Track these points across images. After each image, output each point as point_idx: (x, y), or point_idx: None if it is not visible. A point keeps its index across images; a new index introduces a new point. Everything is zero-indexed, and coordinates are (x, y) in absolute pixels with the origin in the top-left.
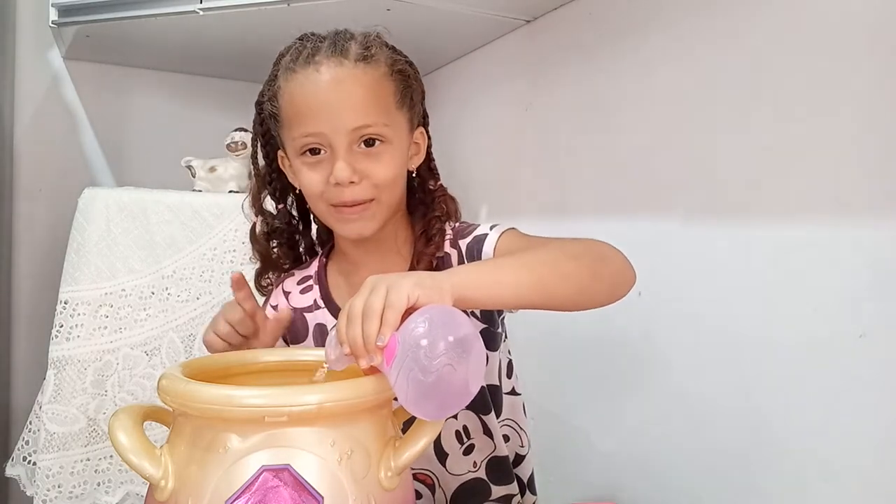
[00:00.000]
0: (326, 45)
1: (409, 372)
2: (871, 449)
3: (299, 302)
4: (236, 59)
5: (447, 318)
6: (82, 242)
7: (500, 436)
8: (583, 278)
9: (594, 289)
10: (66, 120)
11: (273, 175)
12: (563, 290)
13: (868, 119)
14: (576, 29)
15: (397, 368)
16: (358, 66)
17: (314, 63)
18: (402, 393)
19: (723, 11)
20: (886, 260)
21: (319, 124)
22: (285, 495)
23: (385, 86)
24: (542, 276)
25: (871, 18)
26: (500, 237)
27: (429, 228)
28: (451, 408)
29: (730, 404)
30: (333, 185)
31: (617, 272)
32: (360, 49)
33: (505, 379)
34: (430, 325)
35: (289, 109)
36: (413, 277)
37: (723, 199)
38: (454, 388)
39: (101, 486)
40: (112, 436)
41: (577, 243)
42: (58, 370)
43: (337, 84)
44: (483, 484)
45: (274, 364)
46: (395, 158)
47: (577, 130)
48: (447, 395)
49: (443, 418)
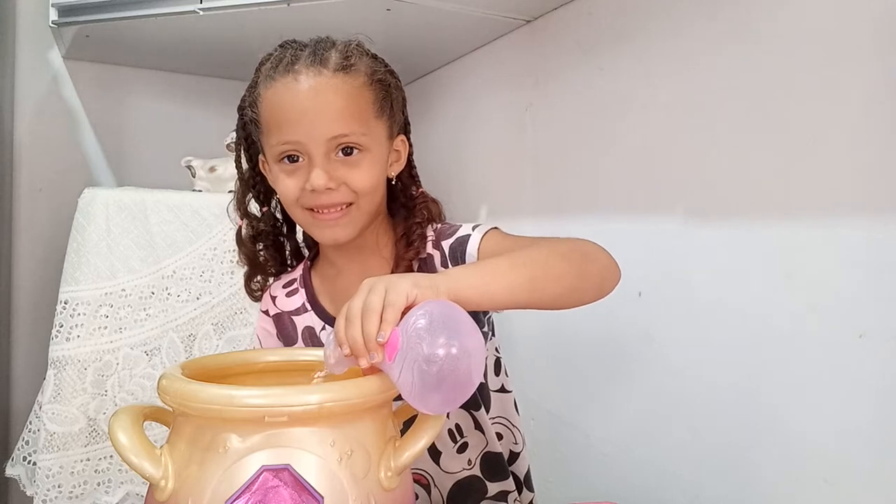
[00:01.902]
0: (306, 54)
1: (413, 364)
2: (871, 449)
3: (287, 305)
4: (236, 59)
5: (447, 311)
6: (82, 242)
7: (492, 432)
8: (572, 278)
9: (583, 287)
10: (66, 120)
11: (256, 178)
12: (554, 290)
13: (868, 119)
14: (576, 29)
15: (400, 362)
16: (337, 76)
17: (293, 72)
18: (407, 387)
19: (723, 11)
20: (886, 260)
21: (297, 133)
22: (285, 495)
23: (364, 95)
24: (535, 277)
25: (872, 19)
26: (483, 237)
27: (409, 233)
28: (456, 400)
29: (730, 404)
30: (310, 192)
31: (603, 269)
32: (340, 58)
33: (493, 376)
34: (430, 318)
35: (268, 117)
36: (410, 278)
37: (723, 199)
38: (459, 379)
39: (101, 486)
40: (112, 436)
41: (563, 242)
42: (58, 370)
43: (315, 93)
44: (479, 481)
45: (274, 364)
46: (374, 166)
47: (577, 130)
48: (452, 386)
49: (446, 412)
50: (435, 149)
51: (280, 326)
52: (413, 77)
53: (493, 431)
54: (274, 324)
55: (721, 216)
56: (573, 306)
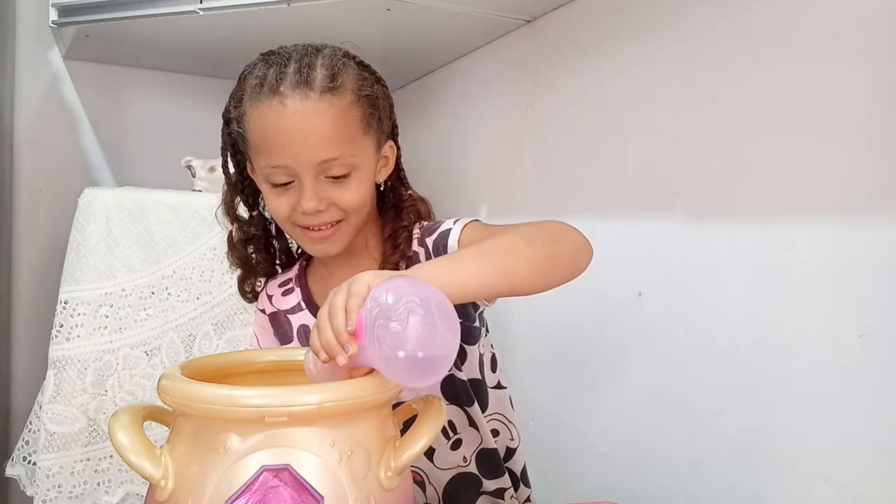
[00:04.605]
0: (291, 73)
1: (381, 332)
2: (871, 449)
3: (282, 304)
4: (236, 59)
5: (403, 279)
6: (82, 242)
7: (488, 429)
8: (542, 259)
9: (554, 269)
10: (66, 120)
11: (245, 182)
12: (525, 273)
13: (868, 119)
14: (576, 29)
15: (370, 338)
16: (324, 99)
17: (279, 94)
18: (384, 360)
19: (723, 11)
20: (886, 260)
21: (285, 157)
22: (285, 495)
23: (351, 114)
24: (504, 262)
25: (872, 19)
26: (462, 230)
27: (395, 235)
28: (437, 365)
29: (729, 404)
30: (301, 213)
31: (574, 249)
32: (326, 79)
33: (489, 373)
34: (387, 287)
35: (255, 137)
36: (372, 272)
37: (723, 199)
38: (432, 338)
39: (101, 486)
40: (112, 436)
41: (532, 227)
42: (58, 370)
43: (302, 118)
44: (474, 478)
45: (274, 364)
46: (363, 183)
47: (577, 130)
48: (429, 346)
49: (432, 380)
50: (434, 149)
51: (276, 324)
52: (413, 77)
53: (487, 428)
54: (270, 322)
55: (721, 216)
56: (547, 288)
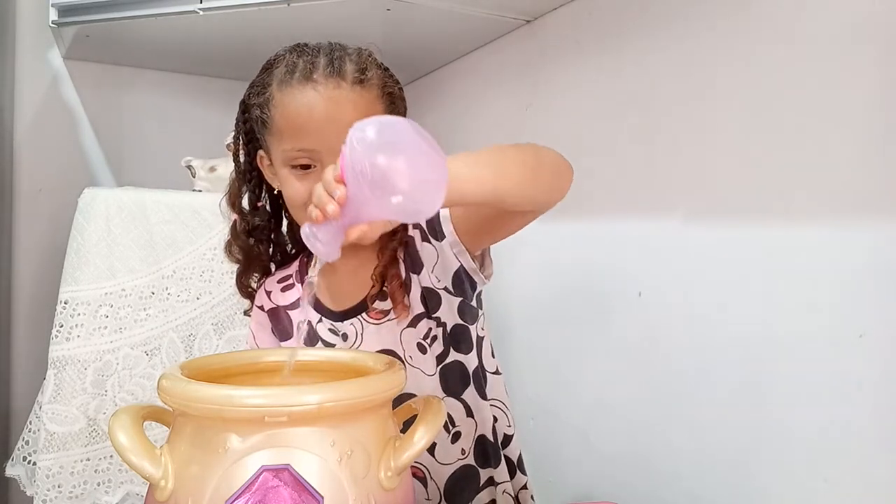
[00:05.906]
0: (323, 64)
1: (356, 152)
2: (871, 449)
3: (282, 300)
4: (236, 59)
5: (379, 116)
6: (82, 242)
7: (485, 416)
8: (532, 161)
9: (542, 173)
10: (66, 120)
11: (252, 173)
12: (518, 173)
13: (868, 119)
14: (576, 29)
15: (350, 167)
16: (354, 90)
17: (312, 81)
18: (366, 184)
19: (723, 11)
20: (886, 260)
21: (313, 142)
22: (285, 495)
23: (377, 108)
24: (498, 162)
25: (873, 19)
26: None
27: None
28: (424, 175)
29: (730, 404)
30: None
31: (556, 160)
32: (356, 71)
33: (488, 358)
34: (363, 123)
35: (281, 122)
36: None
37: (723, 199)
38: (411, 142)
39: (101, 486)
40: (112, 436)
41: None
42: (58, 370)
43: (334, 105)
44: (473, 470)
45: (274, 364)
46: None
47: (577, 130)
48: (408, 148)
49: (428, 206)
50: None
51: (275, 321)
52: (413, 77)
53: (485, 415)
54: (269, 318)
55: (721, 216)
56: (538, 197)
